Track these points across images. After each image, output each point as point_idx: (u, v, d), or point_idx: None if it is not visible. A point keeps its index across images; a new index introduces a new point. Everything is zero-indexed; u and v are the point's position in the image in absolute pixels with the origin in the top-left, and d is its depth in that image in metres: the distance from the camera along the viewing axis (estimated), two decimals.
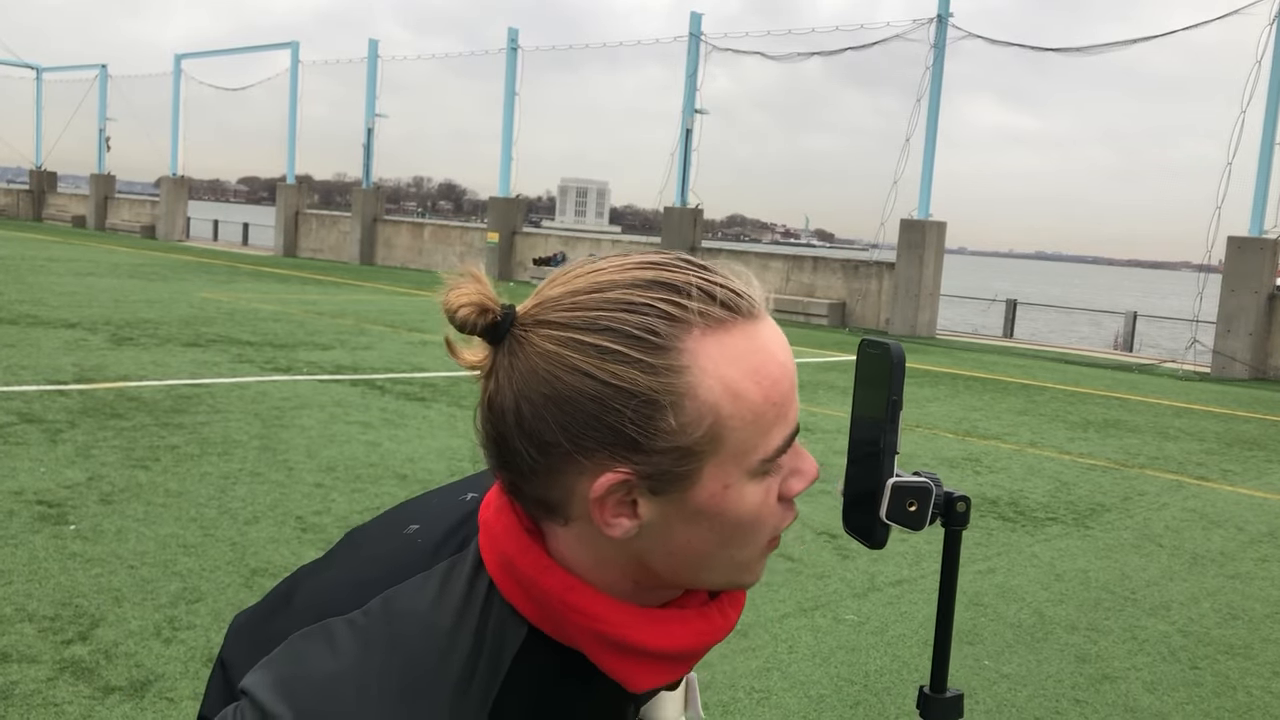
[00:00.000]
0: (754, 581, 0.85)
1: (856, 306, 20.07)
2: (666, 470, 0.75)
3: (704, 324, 0.75)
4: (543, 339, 0.76)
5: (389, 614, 0.80)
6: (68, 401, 7.33)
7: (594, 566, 0.80)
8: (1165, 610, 4.74)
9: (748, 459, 0.77)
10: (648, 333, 0.74)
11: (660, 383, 0.74)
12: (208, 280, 19.33)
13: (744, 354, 0.76)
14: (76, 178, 44.05)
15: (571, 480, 0.76)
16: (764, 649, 3.97)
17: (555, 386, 0.74)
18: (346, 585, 0.84)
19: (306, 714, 0.75)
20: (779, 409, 0.77)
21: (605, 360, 0.74)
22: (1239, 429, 10.33)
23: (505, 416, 0.77)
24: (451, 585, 0.81)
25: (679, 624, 0.83)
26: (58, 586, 4.02)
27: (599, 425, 0.74)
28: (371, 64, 29.65)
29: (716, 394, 0.74)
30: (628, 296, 0.75)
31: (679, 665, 0.84)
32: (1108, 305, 34.54)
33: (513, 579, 0.81)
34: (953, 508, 0.90)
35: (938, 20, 19.07)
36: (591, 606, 0.80)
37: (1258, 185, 15.92)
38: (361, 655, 0.77)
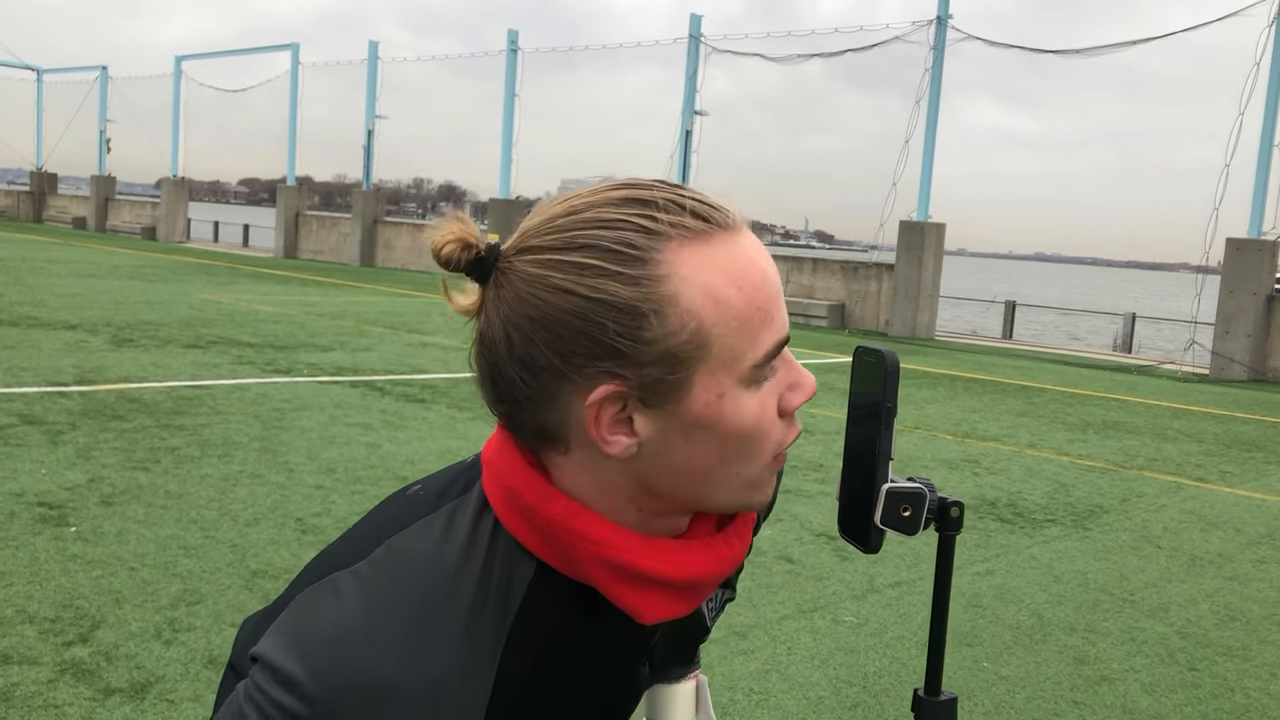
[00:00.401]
0: (763, 501, 0.85)
1: (856, 308, 20.08)
2: (657, 379, 0.76)
3: (680, 235, 0.76)
4: (525, 264, 0.77)
5: (392, 559, 0.80)
6: (68, 403, 7.34)
7: (598, 494, 0.81)
8: (1164, 612, 4.75)
9: (738, 365, 0.78)
10: (625, 246, 0.75)
11: (640, 292, 0.75)
12: (208, 282, 19.34)
13: (723, 262, 0.77)
14: (77, 179, 44.07)
15: (565, 401, 0.77)
16: (762, 651, 3.98)
17: (539, 308, 0.76)
18: (348, 545, 0.84)
19: (318, 666, 0.75)
20: (764, 313, 0.78)
21: (585, 275, 0.75)
22: (1237, 430, 10.34)
23: (496, 347, 0.78)
24: (456, 526, 0.81)
25: (686, 552, 0.83)
26: (58, 588, 4.03)
27: (585, 340, 0.75)
28: (372, 65, 29.67)
29: (698, 300, 0.76)
30: (602, 215, 0.77)
31: (688, 596, 0.84)
32: (1107, 306, 34.56)
33: (517, 512, 0.81)
34: (946, 513, 0.91)
35: (937, 22, 19.08)
36: (597, 532, 0.80)
37: (1256, 186, 15.94)
38: (367, 600, 0.77)
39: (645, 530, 0.82)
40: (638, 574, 0.80)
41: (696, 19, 22.59)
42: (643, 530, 0.82)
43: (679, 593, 0.83)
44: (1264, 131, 15.86)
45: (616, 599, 0.81)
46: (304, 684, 0.74)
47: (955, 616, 4.47)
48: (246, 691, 0.77)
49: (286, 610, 0.81)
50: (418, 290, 21.04)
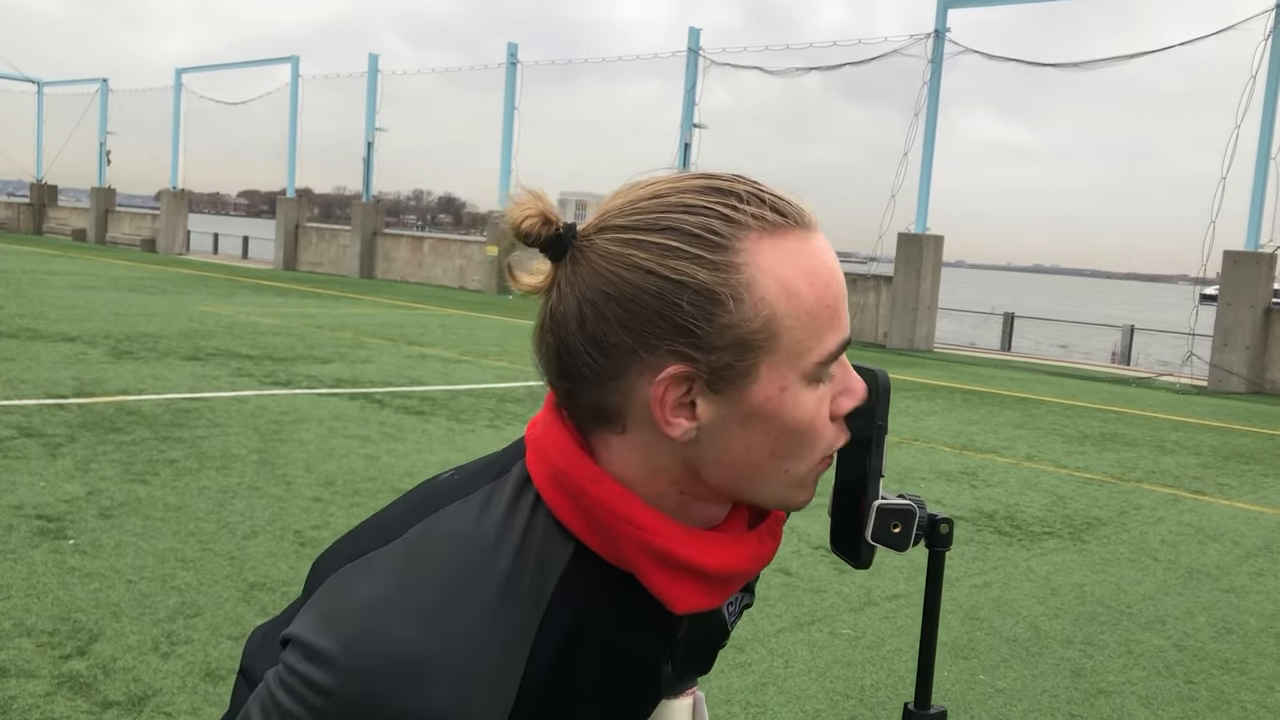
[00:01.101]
0: (805, 501, 0.87)
1: (854, 320, 20.09)
2: (726, 365, 0.78)
3: (759, 226, 0.79)
4: (605, 242, 0.79)
5: (428, 536, 0.81)
6: (67, 415, 7.35)
7: (646, 477, 0.82)
8: (1160, 624, 4.75)
9: (803, 360, 0.79)
10: (707, 231, 0.77)
11: (718, 277, 0.77)
12: (207, 294, 19.37)
13: (798, 256, 0.79)
14: (77, 191, 44.14)
15: (632, 381, 0.79)
16: (759, 664, 3.98)
17: (617, 285, 0.77)
18: (379, 527, 0.85)
19: (352, 643, 0.75)
20: (832, 311, 0.80)
21: (666, 256, 0.77)
22: (1235, 443, 10.35)
23: (568, 322, 0.80)
24: (493, 505, 0.82)
25: (723, 545, 0.85)
26: (56, 601, 4.03)
27: (660, 319, 0.77)
28: (371, 78, 29.76)
29: (772, 291, 0.78)
30: (686, 200, 0.79)
31: (720, 588, 0.86)
32: (1105, 318, 34.59)
33: (563, 492, 0.82)
34: (936, 529, 0.92)
35: (935, 35, 19.16)
36: (642, 517, 0.81)
37: (1253, 199, 15.98)
38: (401, 577, 0.78)
39: (683, 516, 0.84)
40: (677, 562, 0.82)
41: (695, 32, 22.68)
42: (680, 516, 0.83)
43: (712, 584, 0.85)
44: (1260, 144, 15.92)
45: (652, 585, 0.82)
46: (337, 658, 0.75)
47: (952, 629, 4.48)
48: (276, 675, 0.78)
49: (319, 591, 0.81)
50: (417, 302, 21.06)
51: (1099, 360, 21.51)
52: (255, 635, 0.97)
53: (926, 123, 19.33)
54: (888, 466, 5.56)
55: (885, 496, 0.89)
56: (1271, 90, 15.74)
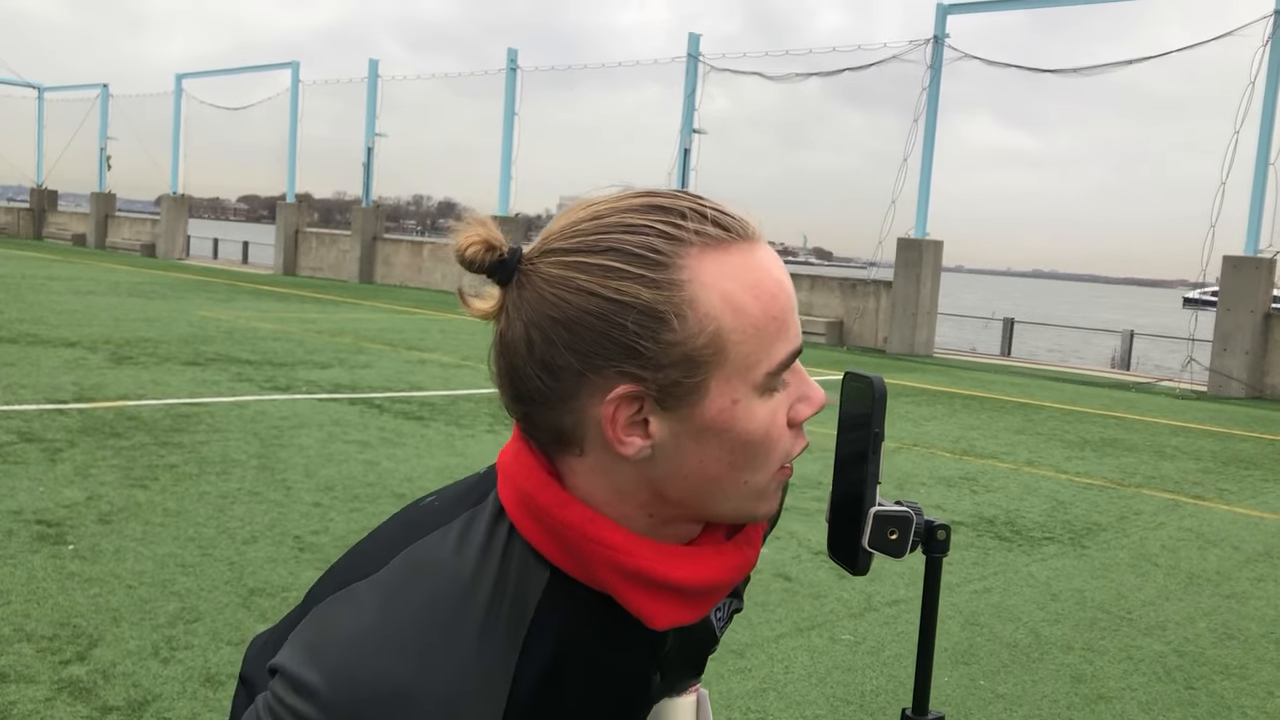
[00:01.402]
0: (769, 512, 0.86)
1: (854, 325, 20.11)
2: (674, 382, 0.78)
3: (701, 242, 0.78)
4: (548, 266, 0.79)
5: (409, 567, 0.81)
6: (67, 420, 7.35)
7: (611, 499, 0.82)
8: (1161, 630, 4.75)
9: (752, 373, 0.79)
10: (648, 250, 0.77)
11: (661, 295, 0.77)
12: (207, 299, 19.37)
13: (741, 270, 0.79)
14: (77, 196, 44.19)
15: (583, 402, 0.79)
16: (760, 669, 3.98)
17: (562, 309, 0.77)
18: (364, 555, 0.85)
19: (336, 675, 0.76)
20: (779, 323, 0.80)
21: (608, 277, 0.77)
22: (1235, 448, 10.35)
23: (516, 347, 0.80)
24: (472, 534, 0.83)
25: (697, 559, 0.85)
26: (56, 606, 4.03)
27: (605, 340, 0.77)
28: (371, 84, 29.79)
29: (717, 306, 0.78)
30: (626, 220, 0.79)
31: (699, 602, 0.86)
32: (1105, 323, 34.61)
33: (532, 517, 0.82)
34: (933, 536, 0.92)
35: (934, 41, 19.18)
36: (612, 538, 0.81)
37: (1252, 204, 16.00)
38: (385, 609, 0.78)
39: (657, 538, 0.84)
40: (650, 579, 0.82)
41: (695, 38, 22.70)
42: (654, 538, 0.84)
43: (690, 599, 0.85)
44: (1259, 149, 15.93)
45: (629, 604, 0.83)
46: (322, 691, 0.75)
47: (952, 634, 4.47)
48: (265, 702, 0.79)
49: (305, 620, 0.82)
50: (417, 307, 21.07)
51: (1099, 365, 21.52)
52: (255, 643, 0.97)
53: (926, 128, 19.35)
54: (887, 472, 5.58)
55: (882, 503, 0.89)
56: (1270, 95, 15.76)
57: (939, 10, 19.28)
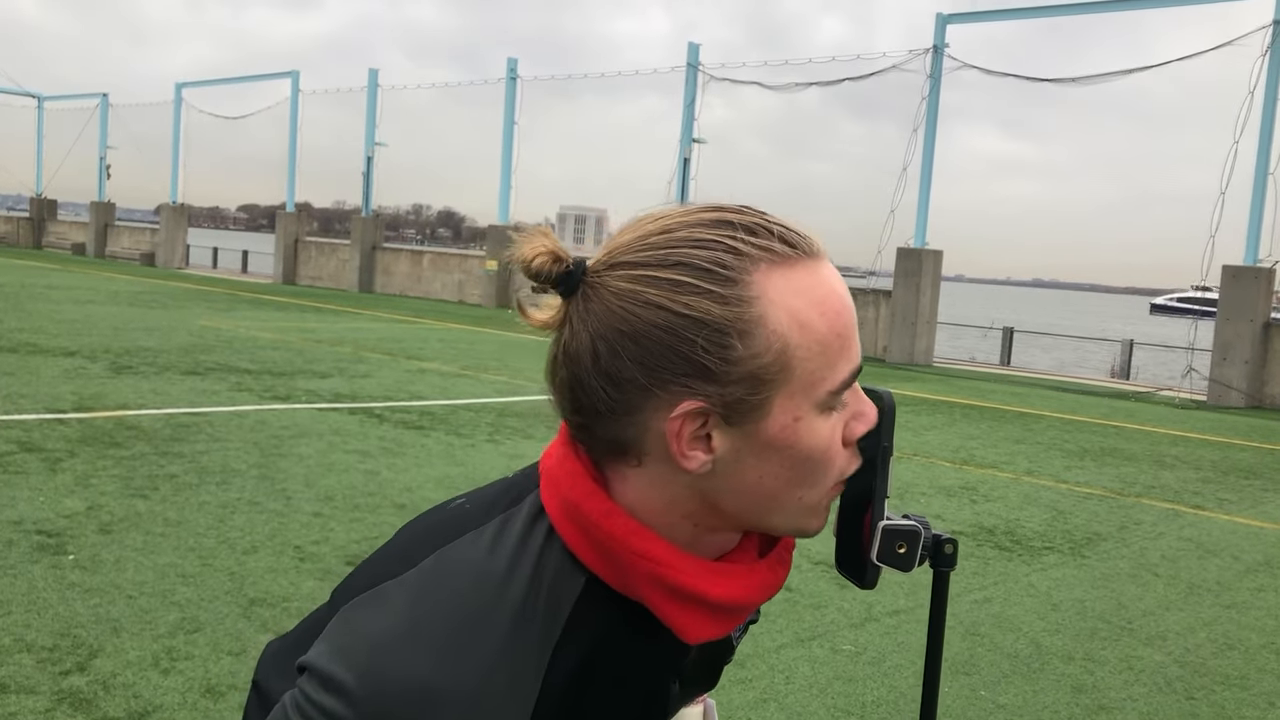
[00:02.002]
0: (819, 527, 0.87)
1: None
2: (740, 399, 0.78)
3: (769, 259, 0.79)
4: (617, 279, 0.79)
5: (441, 567, 0.81)
6: (67, 430, 7.35)
7: (661, 509, 0.82)
8: (1161, 640, 4.75)
9: (816, 390, 0.80)
10: (718, 266, 0.78)
11: (731, 312, 0.77)
12: (207, 308, 19.38)
13: (808, 287, 0.80)
14: (77, 205, 44.22)
15: (647, 416, 0.79)
16: (761, 680, 3.97)
17: (630, 322, 0.78)
18: (398, 555, 0.85)
19: (366, 674, 0.76)
20: (843, 340, 0.81)
21: (678, 292, 0.77)
22: (1235, 457, 10.35)
23: (581, 358, 0.80)
24: (506, 535, 0.83)
25: (735, 576, 0.85)
26: (56, 617, 4.02)
27: (674, 355, 0.77)
28: (371, 93, 29.84)
29: (784, 323, 0.78)
30: (695, 235, 0.79)
31: (731, 617, 0.86)
32: (1105, 333, 34.63)
33: (577, 525, 0.82)
34: (941, 550, 0.93)
35: (934, 51, 19.23)
36: (656, 551, 0.82)
37: (1252, 214, 16.02)
38: (414, 608, 0.79)
39: (694, 546, 0.84)
40: (690, 595, 0.82)
41: (694, 48, 22.76)
42: (692, 547, 0.84)
43: (723, 614, 0.85)
44: (1259, 160, 15.97)
45: (664, 617, 0.83)
46: (351, 689, 0.76)
47: (953, 645, 4.47)
48: (294, 699, 0.79)
49: (334, 619, 0.82)
50: (416, 316, 21.08)
51: (1099, 375, 21.53)
52: (270, 648, 0.97)
53: (925, 137, 19.39)
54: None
55: (890, 517, 0.89)
56: (1269, 105, 15.80)
57: (938, 20, 19.34)
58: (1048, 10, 19.72)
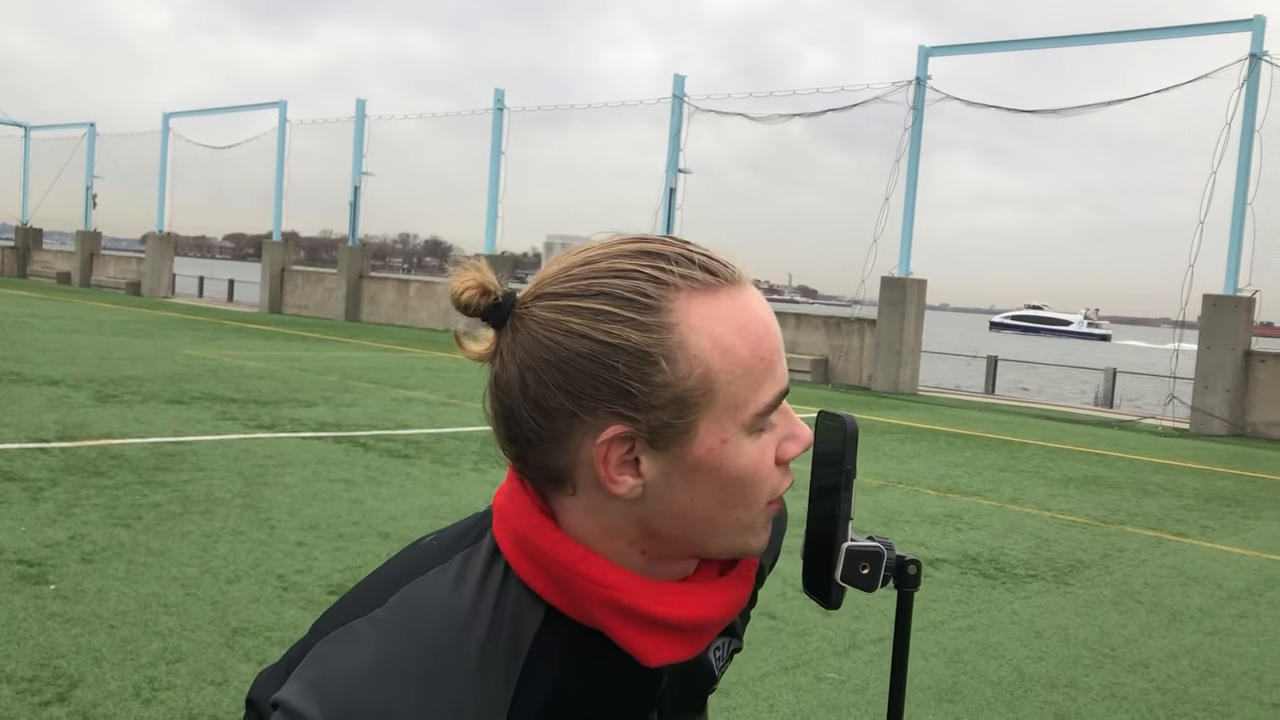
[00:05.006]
0: (760, 546, 0.88)
1: (839, 363, 20.18)
2: (665, 423, 0.80)
3: (689, 286, 0.81)
4: (542, 310, 0.82)
5: (407, 605, 0.83)
6: (50, 459, 7.31)
7: (604, 536, 0.84)
8: (1144, 667, 4.77)
9: (741, 413, 0.82)
10: (638, 294, 0.80)
11: (652, 338, 0.79)
12: (193, 337, 19.33)
13: (729, 313, 0.82)
14: (62, 234, 44.10)
15: (575, 443, 0.81)
16: (745, 708, 3.97)
17: (554, 350, 0.80)
18: (365, 594, 0.87)
19: (335, 709, 0.78)
20: (767, 364, 0.83)
21: (600, 321, 0.80)
22: (1217, 485, 10.41)
23: (511, 389, 0.82)
24: (468, 572, 0.85)
25: (690, 595, 0.87)
26: (36, 647, 4.00)
27: (597, 382, 0.79)
28: (359, 123, 29.94)
29: (705, 348, 0.80)
30: (617, 265, 0.82)
31: (693, 638, 0.87)
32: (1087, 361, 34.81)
33: (527, 556, 0.84)
34: (904, 570, 0.95)
35: (916, 83, 19.44)
36: (605, 575, 0.83)
37: (1231, 243, 16.19)
38: (383, 647, 0.80)
39: (650, 575, 0.86)
40: (643, 616, 0.84)
41: (680, 79, 22.94)
42: (648, 575, 0.86)
43: (684, 635, 0.86)
44: (1237, 189, 16.15)
45: (623, 641, 0.84)
46: None
47: (936, 672, 4.48)
48: None
49: (306, 657, 0.84)
50: (402, 345, 21.06)
51: (1082, 403, 21.63)
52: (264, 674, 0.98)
53: (908, 168, 19.56)
54: (872, 510, 5.58)
55: (854, 539, 0.92)
56: (1246, 136, 16.01)
57: (921, 52, 19.56)
58: (1027, 43, 19.98)
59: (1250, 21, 16.15)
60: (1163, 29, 18.56)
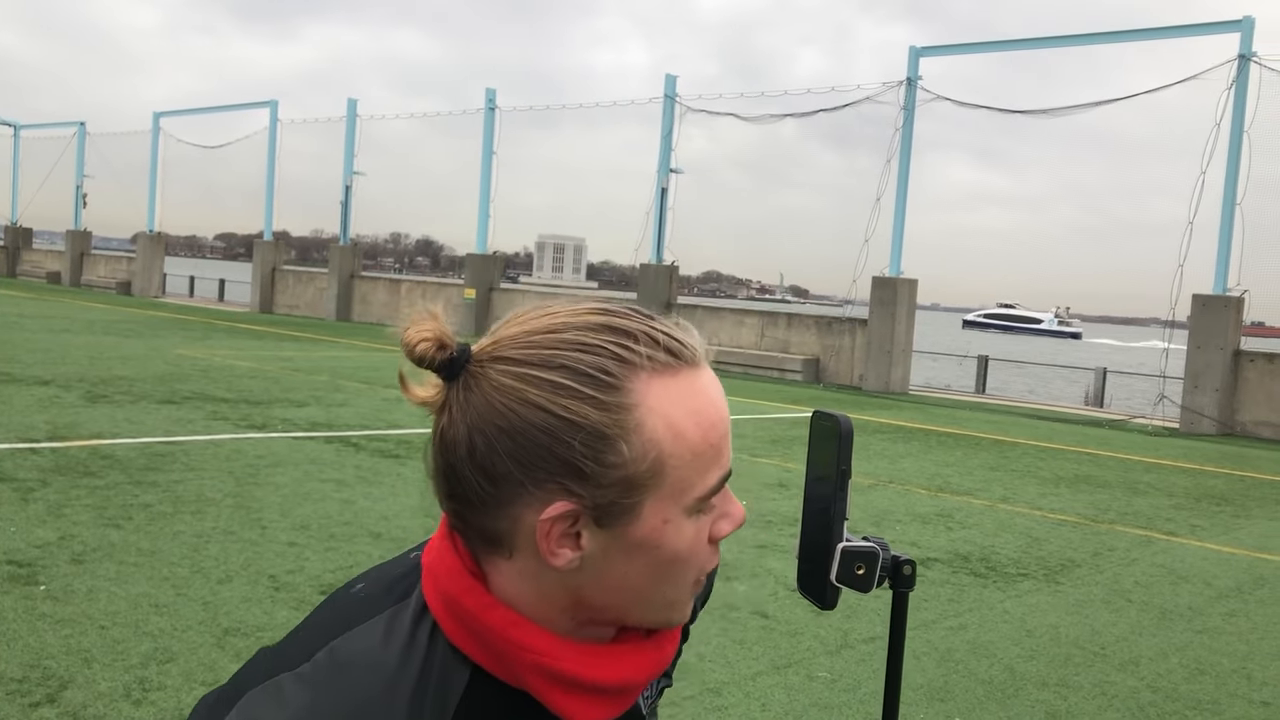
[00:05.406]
0: (681, 620, 0.88)
1: (830, 363, 20.21)
2: (612, 502, 0.79)
3: (651, 367, 0.80)
4: (499, 374, 0.80)
5: (334, 662, 0.82)
6: (40, 460, 7.29)
7: (535, 601, 0.83)
8: (1134, 666, 4.78)
9: (686, 496, 0.82)
10: (600, 371, 0.79)
11: (610, 418, 0.78)
12: (183, 337, 19.27)
13: (686, 397, 0.81)
14: (52, 234, 43.95)
15: (519, 511, 0.80)
16: (736, 708, 3.98)
17: (509, 419, 0.79)
18: (294, 644, 0.86)
19: None
20: (715, 450, 0.83)
21: (559, 395, 0.78)
22: (1207, 484, 10.45)
23: (457, 448, 0.81)
24: (395, 630, 0.84)
25: (617, 658, 0.86)
26: (26, 648, 3.98)
27: (550, 456, 0.78)
28: (350, 122, 29.89)
29: (660, 432, 0.79)
30: (581, 338, 0.80)
31: (619, 699, 0.87)
32: (1078, 361, 34.92)
33: (456, 618, 0.83)
34: (899, 571, 0.95)
35: (907, 83, 19.48)
36: (534, 641, 0.83)
37: (1220, 244, 16.26)
38: (309, 704, 0.79)
39: (576, 636, 0.86)
40: (573, 681, 0.84)
41: (671, 79, 22.95)
42: (574, 636, 0.85)
43: (611, 696, 0.86)
44: (1226, 190, 16.22)
45: (551, 704, 0.84)
46: None
47: (928, 671, 4.49)
48: None
49: (233, 711, 0.83)
50: (393, 345, 20.84)
51: (1072, 402, 21.69)
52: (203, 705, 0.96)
53: (899, 168, 19.60)
54: (863, 509, 5.58)
55: (849, 539, 0.92)
56: (1235, 137, 16.07)
57: (912, 53, 19.61)
58: (1018, 44, 20.04)
59: (1239, 23, 16.22)
60: (1152, 30, 18.64)
